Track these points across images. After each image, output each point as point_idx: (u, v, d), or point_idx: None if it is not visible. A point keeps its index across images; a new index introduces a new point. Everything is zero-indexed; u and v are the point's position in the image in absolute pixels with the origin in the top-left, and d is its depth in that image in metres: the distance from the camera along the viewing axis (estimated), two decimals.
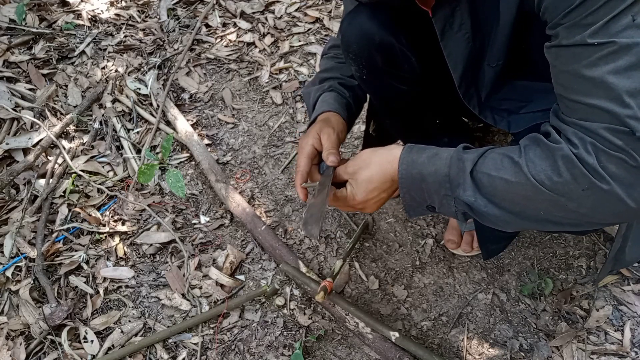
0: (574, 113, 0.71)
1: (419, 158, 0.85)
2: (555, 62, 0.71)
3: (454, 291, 1.32)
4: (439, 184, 0.82)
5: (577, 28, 0.65)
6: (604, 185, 0.67)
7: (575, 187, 0.70)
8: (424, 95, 1.19)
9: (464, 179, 0.80)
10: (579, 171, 0.68)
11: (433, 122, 1.28)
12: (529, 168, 0.73)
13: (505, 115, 1.05)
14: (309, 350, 1.24)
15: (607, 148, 0.66)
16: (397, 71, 1.09)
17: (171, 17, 2.18)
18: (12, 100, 1.79)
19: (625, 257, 1.01)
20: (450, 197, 0.82)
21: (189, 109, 1.85)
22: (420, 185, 0.85)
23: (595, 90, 0.66)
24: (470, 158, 0.80)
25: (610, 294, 1.28)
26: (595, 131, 0.67)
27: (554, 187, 0.71)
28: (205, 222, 1.51)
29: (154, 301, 1.36)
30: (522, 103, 1.03)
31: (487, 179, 0.78)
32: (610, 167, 0.67)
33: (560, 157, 0.70)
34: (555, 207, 0.75)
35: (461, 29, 0.88)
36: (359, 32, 1.05)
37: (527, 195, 0.76)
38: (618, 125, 0.65)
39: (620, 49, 0.63)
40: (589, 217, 0.75)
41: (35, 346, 1.28)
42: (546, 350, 1.20)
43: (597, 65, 0.65)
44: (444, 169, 0.82)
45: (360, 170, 0.91)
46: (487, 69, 0.96)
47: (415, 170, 0.85)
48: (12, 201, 1.57)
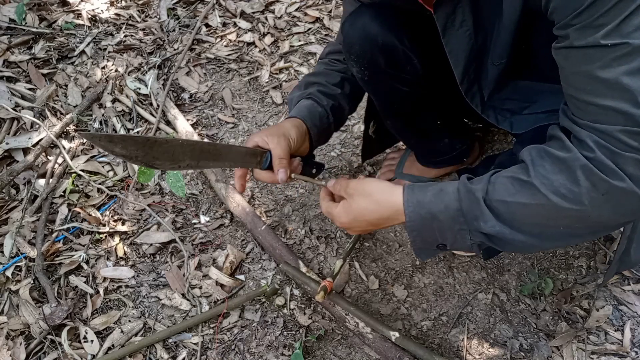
0: (586, 115, 0.70)
1: (424, 197, 0.82)
2: (565, 63, 0.71)
3: (454, 291, 1.32)
4: (453, 219, 0.80)
5: (589, 29, 0.65)
6: (624, 186, 0.67)
7: (595, 193, 0.69)
8: (426, 97, 1.18)
9: (480, 211, 0.78)
10: (597, 177, 0.68)
11: (434, 123, 1.28)
12: (546, 186, 0.72)
13: (508, 115, 1.05)
14: (309, 350, 1.24)
15: (622, 150, 0.66)
16: (399, 73, 1.09)
17: (171, 16, 2.18)
18: (12, 100, 1.79)
19: (630, 259, 1.01)
20: (465, 230, 0.80)
21: (189, 108, 1.85)
22: (431, 225, 0.82)
23: (609, 92, 0.66)
24: (479, 188, 0.78)
25: (610, 294, 1.28)
26: (610, 134, 0.67)
27: (575, 199, 0.70)
28: (205, 222, 1.51)
29: (154, 301, 1.36)
30: (526, 104, 1.02)
31: (504, 206, 0.76)
32: (628, 168, 0.67)
33: (579, 167, 0.69)
34: (577, 220, 0.74)
35: (462, 26, 0.87)
36: (361, 34, 1.05)
37: (549, 215, 0.74)
38: (633, 126, 0.65)
39: (633, 50, 0.63)
40: (609, 221, 0.74)
41: (35, 346, 1.28)
42: (546, 350, 1.20)
43: (611, 67, 0.65)
44: (454, 203, 0.79)
45: (357, 197, 0.88)
46: (490, 67, 0.95)
47: (424, 211, 0.82)
48: (12, 201, 1.57)
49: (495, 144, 1.59)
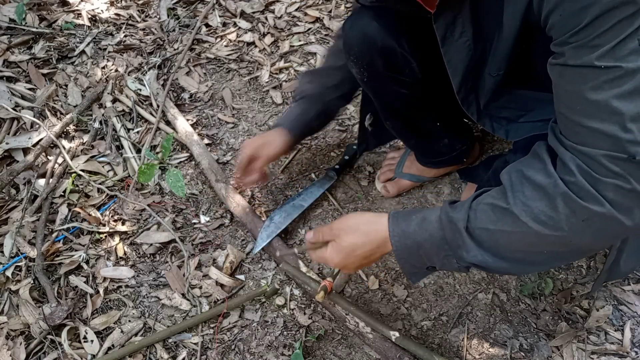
0: (573, 135, 0.70)
1: (409, 227, 0.85)
2: (559, 80, 0.71)
3: (454, 291, 1.32)
4: (437, 247, 0.83)
5: (584, 49, 0.64)
6: (603, 211, 0.67)
7: (575, 219, 0.70)
8: (425, 99, 1.18)
9: (462, 241, 0.79)
10: (576, 204, 0.68)
11: (434, 124, 1.28)
12: (526, 213, 0.73)
13: (504, 123, 1.05)
14: (309, 350, 1.24)
15: (603, 176, 0.67)
16: (397, 75, 1.09)
17: (171, 16, 2.18)
18: (12, 100, 1.79)
19: (620, 269, 1.01)
20: (451, 256, 0.82)
21: (189, 108, 1.85)
22: (417, 252, 0.85)
23: (598, 114, 0.66)
24: (460, 217, 0.79)
25: (610, 294, 1.28)
26: (594, 158, 0.67)
27: (555, 225, 0.71)
28: (205, 222, 1.51)
29: (154, 301, 1.36)
30: (522, 112, 1.02)
31: (486, 234, 0.78)
32: (608, 194, 0.67)
33: (558, 194, 0.70)
34: (559, 245, 0.75)
35: (462, 37, 0.87)
36: (361, 36, 1.05)
37: (531, 242, 0.75)
38: (618, 152, 0.65)
39: (625, 74, 0.63)
40: (592, 245, 0.75)
41: (35, 346, 1.28)
42: (546, 350, 1.20)
43: (602, 89, 0.64)
44: (437, 232, 0.82)
45: (344, 234, 0.90)
46: (487, 78, 0.95)
47: (409, 241, 0.85)
48: (12, 201, 1.57)
49: (495, 144, 1.59)
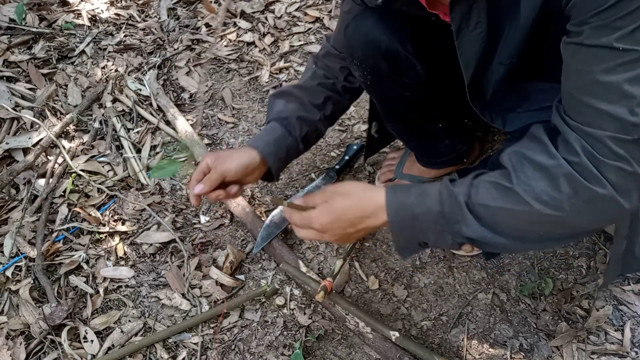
0: (579, 116, 0.70)
1: (407, 199, 0.84)
2: (572, 59, 0.70)
3: (454, 291, 1.32)
4: (435, 221, 0.82)
5: (605, 29, 0.64)
6: (605, 193, 0.68)
7: (576, 200, 0.70)
8: (428, 101, 1.18)
9: (462, 215, 0.79)
10: (579, 184, 0.69)
11: (435, 126, 1.28)
12: (528, 193, 0.73)
13: (501, 112, 1.04)
14: (309, 350, 1.24)
15: (607, 158, 0.67)
16: (401, 78, 1.09)
17: (171, 16, 2.18)
18: (12, 99, 1.79)
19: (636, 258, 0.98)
20: (447, 232, 0.82)
21: (189, 108, 1.85)
22: (413, 225, 0.85)
23: (607, 95, 0.66)
24: (461, 192, 0.80)
25: (610, 293, 1.28)
26: (599, 139, 0.67)
27: (556, 205, 0.72)
28: (205, 222, 1.51)
29: (154, 301, 1.36)
30: (520, 102, 1.02)
31: (486, 210, 0.78)
32: (610, 176, 0.67)
33: (562, 174, 0.70)
34: (558, 225, 0.76)
35: (477, 28, 0.85)
36: (365, 39, 1.04)
37: (532, 220, 0.76)
38: (623, 134, 0.65)
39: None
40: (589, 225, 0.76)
41: (35, 346, 1.28)
42: (546, 350, 1.20)
43: (615, 71, 0.64)
44: (436, 206, 0.82)
45: (337, 197, 0.88)
46: (496, 67, 0.93)
47: (406, 212, 0.84)
48: (12, 201, 1.57)
49: (495, 144, 1.59)
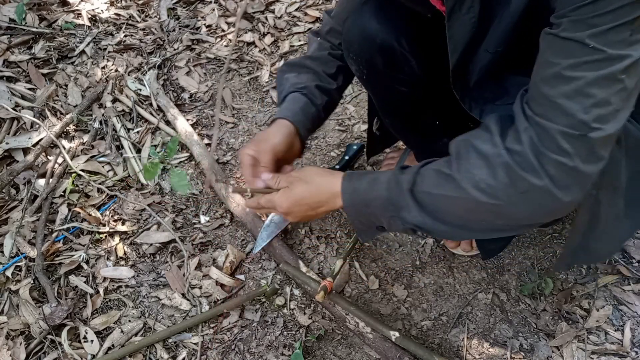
0: (537, 106, 0.71)
1: (360, 185, 0.88)
2: (546, 50, 0.71)
3: (454, 291, 1.32)
4: (383, 207, 0.85)
5: (581, 24, 0.65)
6: (541, 185, 0.69)
7: (512, 190, 0.71)
8: (424, 97, 1.18)
9: (405, 202, 0.82)
10: (516, 174, 0.70)
11: (433, 123, 1.28)
12: (467, 180, 0.75)
13: (481, 102, 1.03)
14: (309, 350, 1.24)
15: (550, 151, 0.68)
16: (397, 73, 1.09)
17: (171, 16, 2.18)
18: (12, 99, 1.79)
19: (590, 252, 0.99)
20: (396, 217, 0.85)
21: (189, 108, 1.85)
22: (365, 210, 0.89)
23: (567, 91, 0.67)
24: (406, 179, 0.82)
25: (610, 293, 1.28)
26: (549, 131, 0.68)
27: (492, 194, 0.73)
28: (205, 222, 1.51)
29: (154, 301, 1.36)
30: (501, 94, 1.01)
31: (428, 197, 0.81)
32: (549, 169, 0.68)
33: (500, 163, 0.72)
34: (495, 215, 0.77)
35: (469, 12, 0.84)
36: (361, 33, 1.05)
37: (470, 208, 0.78)
38: (572, 129, 0.66)
39: (606, 59, 0.63)
40: (526, 219, 0.77)
41: (35, 346, 1.28)
42: (546, 350, 1.20)
43: (580, 68, 0.65)
44: (384, 192, 0.85)
45: (298, 183, 0.95)
46: (482, 55, 0.93)
47: (358, 198, 0.88)
48: (12, 201, 1.57)
49: None
